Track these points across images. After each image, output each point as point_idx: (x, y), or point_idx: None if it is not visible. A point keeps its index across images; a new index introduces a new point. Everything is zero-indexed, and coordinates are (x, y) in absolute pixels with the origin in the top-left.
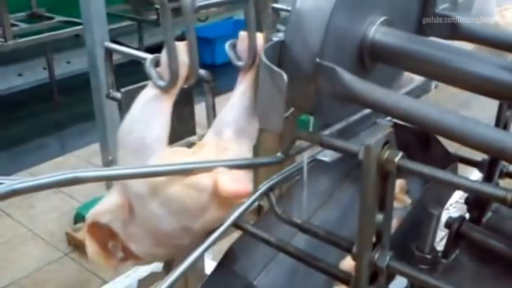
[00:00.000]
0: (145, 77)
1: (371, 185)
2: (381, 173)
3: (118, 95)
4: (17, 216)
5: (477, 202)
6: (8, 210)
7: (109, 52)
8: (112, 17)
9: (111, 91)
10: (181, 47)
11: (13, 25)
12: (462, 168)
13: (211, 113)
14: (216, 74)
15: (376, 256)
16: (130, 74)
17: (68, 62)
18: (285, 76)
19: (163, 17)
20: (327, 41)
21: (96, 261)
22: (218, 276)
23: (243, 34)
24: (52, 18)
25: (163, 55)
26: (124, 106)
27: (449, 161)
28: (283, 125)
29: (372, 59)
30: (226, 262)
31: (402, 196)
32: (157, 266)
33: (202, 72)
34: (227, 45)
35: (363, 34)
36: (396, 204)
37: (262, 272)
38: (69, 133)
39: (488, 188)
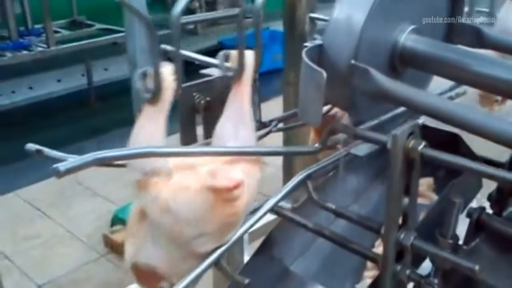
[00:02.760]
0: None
1: (398, 171)
2: (406, 160)
3: None
4: (56, 217)
5: (498, 198)
6: (47, 211)
7: (165, 53)
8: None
9: None
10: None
11: (55, 32)
12: None
13: (257, 111)
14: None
15: (402, 236)
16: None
17: (106, 69)
18: (324, 74)
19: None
20: (361, 46)
21: None
22: (258, 260)
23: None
24: (92, 25)
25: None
26: (181, 101)
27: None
28: (320, 118)
29: (402, 63)
30: (265, 247)
31: (429, 193)
32: None
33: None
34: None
35: (394, 40)
36: (423, 201)
37: (298, 258)
38: (106, 138)
39: (498, 172)
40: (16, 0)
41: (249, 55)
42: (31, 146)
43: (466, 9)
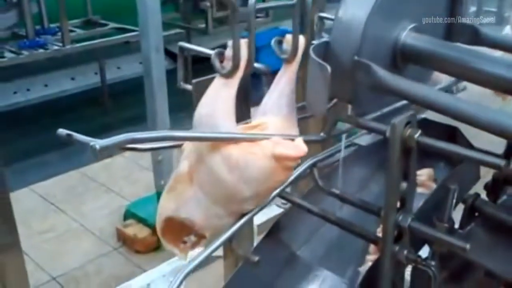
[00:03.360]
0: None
1: (396, 158)
2: (404, 148)
3: (188, 86)
4: (70, 212)
5: (493, 187)
6: (61, 206)
7: (182, 50)
8: (163, 25)
9: (181, 83)
10: (243, 43)
11: (70, 31)
12: None
13: None
14: (261, 81)
15: (400, 218)
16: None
17: (118, 68)
18: (329, 68)
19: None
20: (364, 43)
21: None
22: (266, 245)
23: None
24: (106, 25)
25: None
26: (194, 95)
27: None
28: (325, 110)
29: (403, 59)
30: (274, 232)
31: (429, 183)
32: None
33: (261, 66)
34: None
35: (395, 38)
36: (423, 190)
37: (305, 244)
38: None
39: (487, 158)
40: (33, 0)
41: (302, 40)
42: (61, 131)
43: (474, 8)
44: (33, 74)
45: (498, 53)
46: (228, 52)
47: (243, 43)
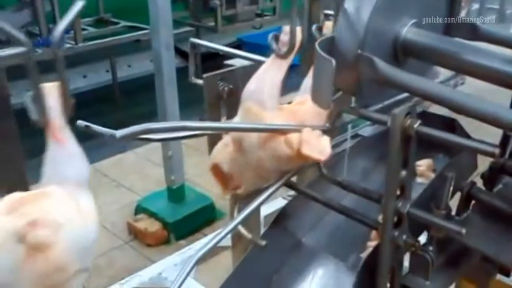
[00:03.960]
0: None
1: (396, 146)
2: (404, 137)
3: (199, 81)
4: None
5: (490, 176)
6: None
7: (193, 46)
8: (173, 23)
9: (193, 78)
10: (298, 30)
11: (82, 29)
12: None
13: None
14: None
15: (399, 204)
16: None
17: (129, 66)
18: (333, 62)
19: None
20: (367, 37)
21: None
22: (273, 232)
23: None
24: (117, 23)
25: (282, 35)
26: (205, 89)
27: None
28: (331, 101)
29: (404, 54)
30: (280, 221)
31: (429, 173)
32: None
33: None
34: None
35: (397, 33)
36: (423, 180)
37: (309, 232)
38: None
39: (481, 146)
40: None
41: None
42: (80, 122)
43: (477, 6)
44: (46, 72)
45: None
46: (284, 37)
47: (298, 30)
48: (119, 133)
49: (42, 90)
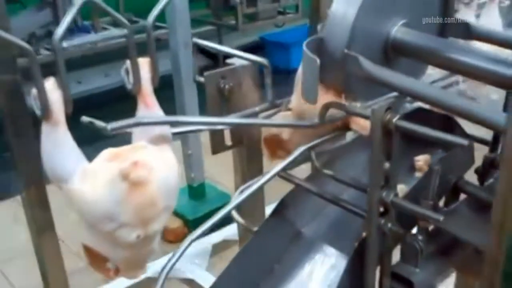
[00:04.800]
0: None
1: (377, 140)
2: (386, 131)
3: (202, 79)
4: None
5: (483, 171)
6: None
7: (196, 46)
8: (194, 22)
9: (196, 76)
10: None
11: (103, 28)
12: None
13: (270, 91)
14: (291, 78)
15: (384, 194)
16: None
17: None
18: (318, 60)
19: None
20: (355, 37)
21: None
22: (272, 222)
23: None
24: (137, 22)
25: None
26: (207, 87)
27: None
28: (317, 98)
29: (394, 53)
30: (279, 211)
31: (426, 168)
32: None
33: (262, 59)
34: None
35: (387, 32)
36: (420, 174)
37: (309, 222)
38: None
39: (452, 138)
40: None
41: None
42: (85, 118)
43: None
44: (68, 71)
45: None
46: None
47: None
48: (110, 126)
49: (137, 64)
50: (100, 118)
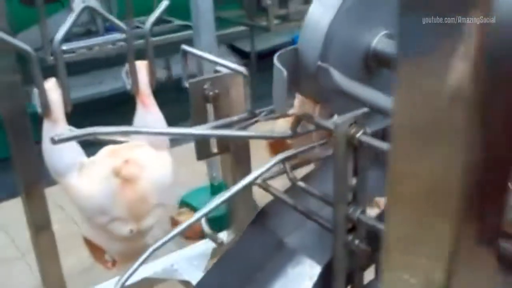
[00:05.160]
0: None
1: (341, 155)
2: (351, 145)
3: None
4: None
5: None
6: None
7: (185, 52)
8: (227, 22)
9: (185, 82)
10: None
11: (137, 27)
12: None
13: (248, 100)
14: None
15: (350, 210)
16: None
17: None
18: (285, 73)
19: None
20: (331, 49)
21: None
22: (255, 230)
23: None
24: (170, 21)
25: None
26: (191, 94)
27: None
28: (286, 108)
29: (376, 64)
30: (260, 219)
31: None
32: None
33: (241, 68)
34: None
35: (368, 43)
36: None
37: (290, 233)
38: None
39: None
40: None
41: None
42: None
43: None
44: (104, 68)
45: None
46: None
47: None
48: (57, 136)
49: (135, 67)
50: (121, 116)
